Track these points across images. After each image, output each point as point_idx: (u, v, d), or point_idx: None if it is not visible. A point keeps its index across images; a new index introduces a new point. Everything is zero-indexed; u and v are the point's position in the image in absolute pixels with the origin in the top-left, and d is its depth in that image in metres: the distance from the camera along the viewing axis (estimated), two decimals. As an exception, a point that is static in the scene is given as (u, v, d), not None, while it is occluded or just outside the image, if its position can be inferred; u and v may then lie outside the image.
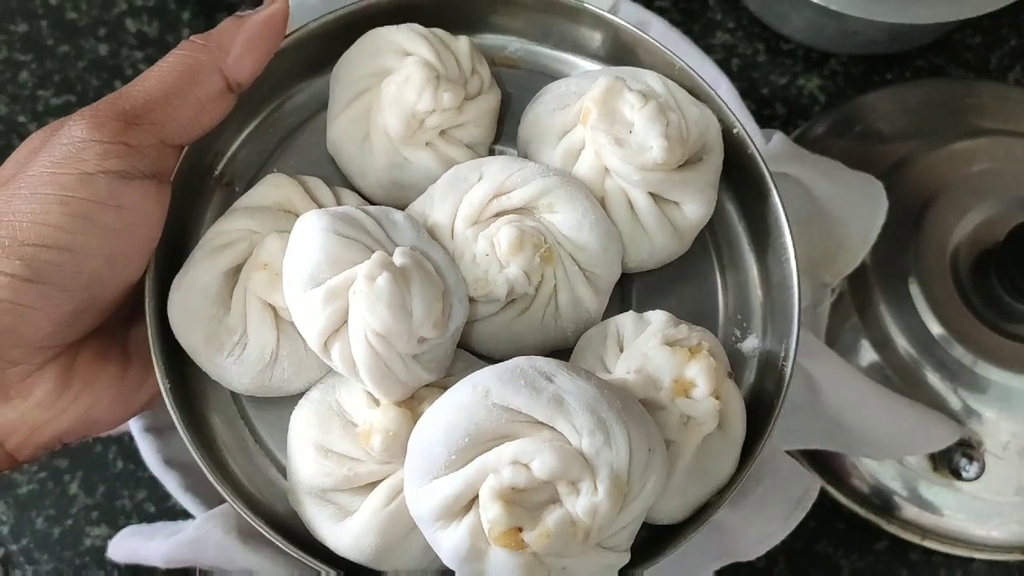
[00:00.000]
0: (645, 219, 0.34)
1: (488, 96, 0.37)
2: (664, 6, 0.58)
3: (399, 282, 0.29)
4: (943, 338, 0.47)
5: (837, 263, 0.44)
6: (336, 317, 0.29)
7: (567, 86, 0.36)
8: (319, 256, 0.30)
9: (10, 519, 0.51)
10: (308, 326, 0.30)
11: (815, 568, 0.51)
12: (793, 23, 0.56)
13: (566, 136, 0.35)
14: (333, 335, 0.30)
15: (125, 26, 0.57)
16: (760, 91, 0.57)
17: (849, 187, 0.43)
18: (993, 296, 0.47)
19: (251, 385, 0.33)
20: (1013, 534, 0.48)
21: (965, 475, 0.46)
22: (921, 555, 0.51)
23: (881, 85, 0.56)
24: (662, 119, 0.33)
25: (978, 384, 0.47)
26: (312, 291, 0.29)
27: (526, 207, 0.33)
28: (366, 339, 0.29)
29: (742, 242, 0.37)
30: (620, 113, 0.34)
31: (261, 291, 0.32)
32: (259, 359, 0.32)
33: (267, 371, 0.32)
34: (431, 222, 0.33)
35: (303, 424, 0.32)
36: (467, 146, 0.36)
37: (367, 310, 0.29)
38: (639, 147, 0.33)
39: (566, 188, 0.33)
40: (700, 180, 0.35)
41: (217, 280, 0.32)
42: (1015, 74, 0.58)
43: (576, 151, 0.35)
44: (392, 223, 0.32)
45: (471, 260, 0.32)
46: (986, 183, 0.49)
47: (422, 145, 0.35)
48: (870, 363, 0.48)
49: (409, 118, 0.34)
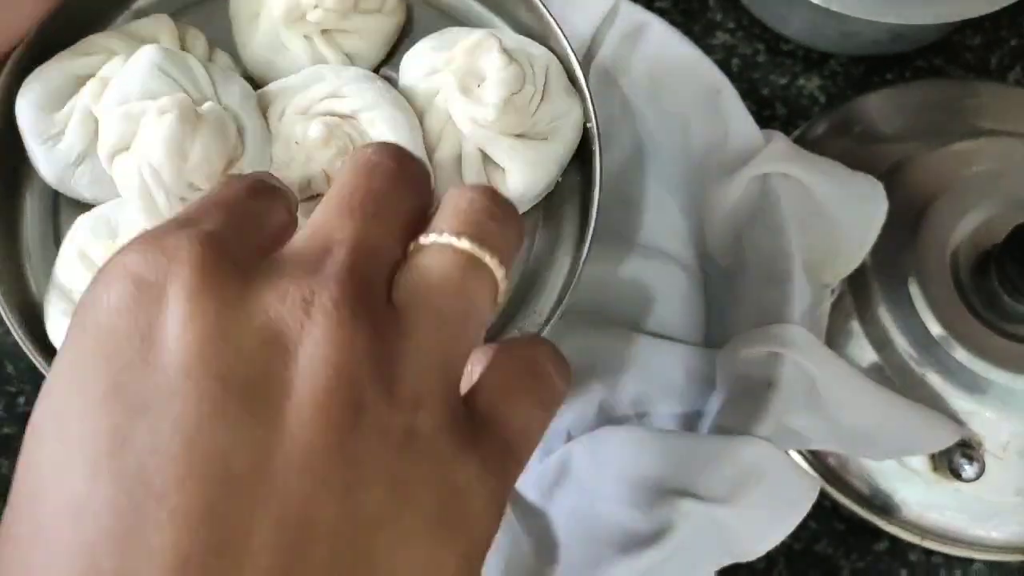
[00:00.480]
0: (464, 171, 0.36)
1: (385, 17, 0.38)
2: (664, 7, 0.58)
3: (185, 125, 0.32)
4: (943, 339, 0.47)
5: (837, 264, 0.44)
6: (125, 138, 0.33)
7: (459, 34, 0.37)
8: (135, 83, 0.33)
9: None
10: (102, 138, 0.33)
11: (815, 568, 0.51)
12: (793, 24, 0.56)
13: (432, 75, 0.36)
14: (120, 154, 0.33)
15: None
16: (760, 91, 0.57)
17: (849, 188, 0.43)
18: (993, 297, 0.47)
19: (54, 179, 0.36)
20: (1013, 535, 0.48)
21: (965, 475, 0.46)
22: (921, 555, 0.51)
23: (881, 86, 0.56)
24: (513, 86, 0.35)
25: (978, 385, 0.47)
26: (116, 108, 0.32)
27: (352, 115, 0.35)
28: (139, 165, 0.32)
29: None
30: (480, 67, 0.35)
31: (89, 99, 0.35)
32: (65, 157, 0.35)
33: (70, 170, 0.36)
34: (270, 102, 0.36)
35: (79, 226, 0.35)
36: (346, 54, 0.38)
37: (147, 139, 0.32)
38: (477, 100, 0.35)
39: (392, 111, 0.35)
40: (533, 155, 0.35)
41: (66, 78, 0.36)
42: (1015, 74, 0.58)
43: (434, 92, 0.36)
44: (225, 83, 0.35)
45: (284, 144, 0.35)
46: (986, 184, 0.49)
47: (300, 36, 0.37)
48: (870, 363, 0.48)
49: (292, 4, 0.36)
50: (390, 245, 0.24)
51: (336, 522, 0.20)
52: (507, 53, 0.35)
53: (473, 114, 0.35)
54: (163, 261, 0.21)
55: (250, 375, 0.21)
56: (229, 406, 0.20)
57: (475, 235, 0.24)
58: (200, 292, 0.21)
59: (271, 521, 0.20)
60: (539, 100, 0.36)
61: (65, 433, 0.21)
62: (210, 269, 0.21)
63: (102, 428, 0.20)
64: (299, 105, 0.35)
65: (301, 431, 0.20)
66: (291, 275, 0.22)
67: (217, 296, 0.21)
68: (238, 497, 0.20)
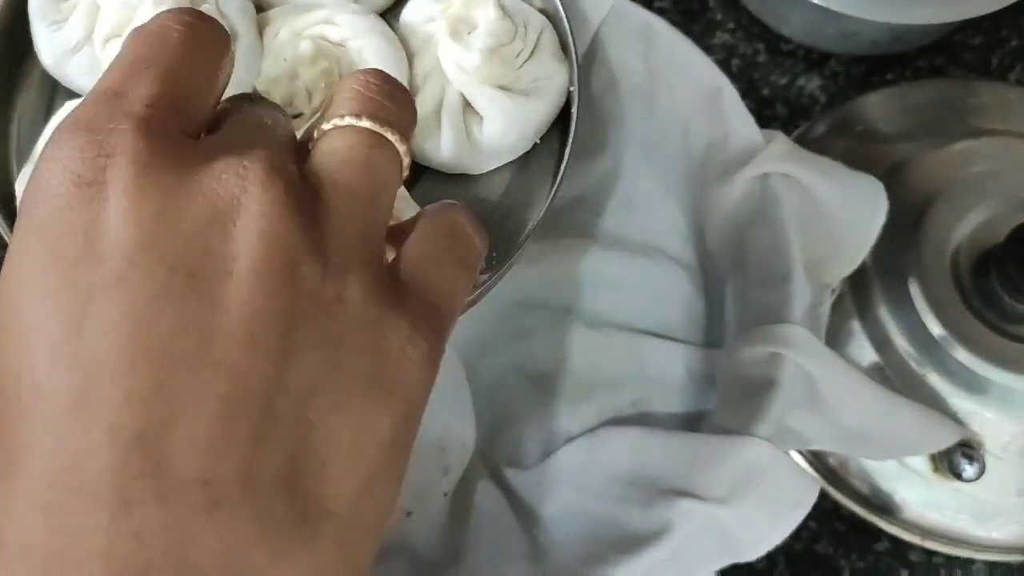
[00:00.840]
0: (444, 113, 0.36)
1: None
2: (664, 7, 0.58)
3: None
4: (943, 339, 0.47)
5: (837, 263, 0.44)
6: (121, 25, 0.34)
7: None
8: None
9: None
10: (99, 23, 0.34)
11: (815, 569, 0.51)
12: (793, 23, 0.56)
13: (429, 23, 0.37)
14: (113, 39, 0.34)
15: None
16: (760, 91, 0.57)
17: (849, 188, 0.43)
18: (994, 297, 0.47)
19: (52, 63, 0.36)
20: (1014, 535, 0.48)
21: (966, 476, 0.46)
22: (922, 556, 0.51)
23: (882, 85, 0.56)
24: (502, 38, 0.36)
25: (979, 385, 0.47)
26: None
27: (342, 43, 0.36)
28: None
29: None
30: (474, 16, 0.36)
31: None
32: (65, 42, 0.36)
33: (67, 56, 0.36)
34: (269, 22, 0.36)
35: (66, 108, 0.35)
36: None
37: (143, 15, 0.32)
38: (465, 46, 0.35)
39: (381, 42, 0.36)
40: (511, 107, 0.36)
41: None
42: (1016, 74, 0.58)
43: (428, 37, 0.37)
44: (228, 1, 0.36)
45: (273, 60, 0.36)
46: (987, 184, 0.49)
47: None
48: (870, 364, 0.48)
49: None
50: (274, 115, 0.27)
51: (274, 389, 0.22)
52: (503, 8, 0.36)
53: (459, 59, 0.35)
54: (100, 159, 0.22)
55: (190, 256, 0.22)
56: (173, 287, 0.21)
57: (374, 114, 0.26)
58: (139, 186, 0.22)
59: (216, 393, 0.21)
60: (527, 57, 0.37)
61: (22, 326, 0.22)
62: (146, 160, 0.22)
63: (56, 319, 0.21)
64: (294, 26, 0.36)
65: (240, 304, 0.22)
66: (223, 154, 0.23)
67: (156, 184, 0.22)
68: (186, 373, 0.21)
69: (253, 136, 0.25)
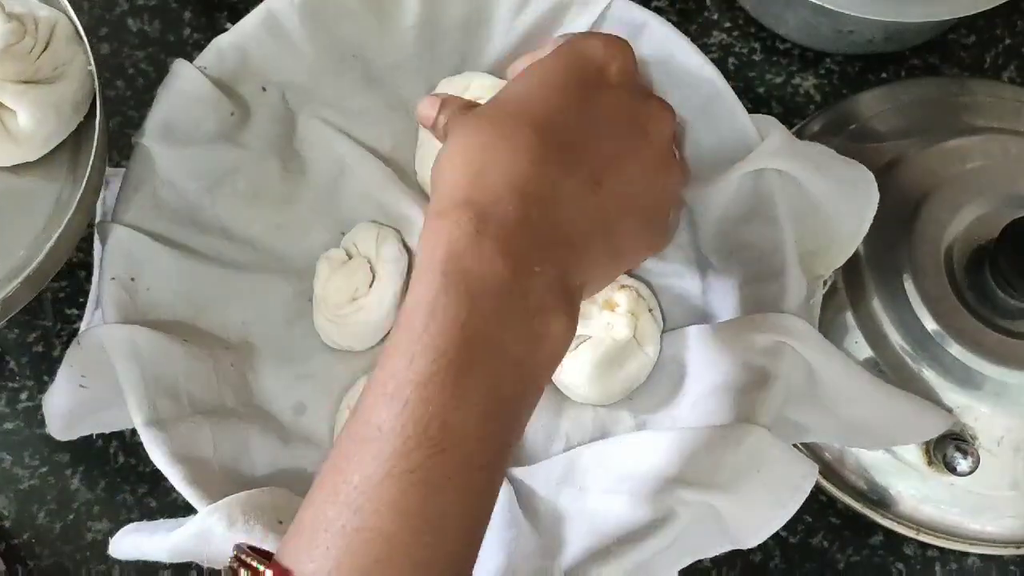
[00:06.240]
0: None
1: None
2: (661, 6, 0.59)
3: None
4: (937, 334, 0.47)
5: (830, 254, 0.45)
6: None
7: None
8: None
9: (12, 513, 0.51)
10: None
11: (811, 562, 0.51)
12: (789, 23, 0.57)
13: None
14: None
15: (127, 25, 0.57)
16: (756, 90, 0.58)
17: (841, 178, 0.43)
18: (987, 292, 0.47)
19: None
20: (1007, 528, 0.49)
21: (959, 470, 0.46)
22: (916, 549, 0.51)
23: (876, 84, 0.57)
24: (10, 39, 0.41)
25: (972, 379, 0.47)
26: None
27: None
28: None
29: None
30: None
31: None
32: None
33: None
34: None
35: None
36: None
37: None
38: None
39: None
40: (39, 96, 0.42)
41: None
42: (1009, 73, 0.58)
43: None
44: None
45: None
46: (980, 180, 0.50)
47: None
48: (864, 358, 0.49)
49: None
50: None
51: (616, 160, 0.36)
52: (9, 14, 0.42)
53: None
54: (610, 51, 0.38)
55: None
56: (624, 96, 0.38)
57: None
58: (628, 68, 0.39)
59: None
60: (43, 49, 0.42)
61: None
62: (632, 59, 0.39)
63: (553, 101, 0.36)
64: None
65: (608, 107, 0.37)
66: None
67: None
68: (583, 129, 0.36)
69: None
